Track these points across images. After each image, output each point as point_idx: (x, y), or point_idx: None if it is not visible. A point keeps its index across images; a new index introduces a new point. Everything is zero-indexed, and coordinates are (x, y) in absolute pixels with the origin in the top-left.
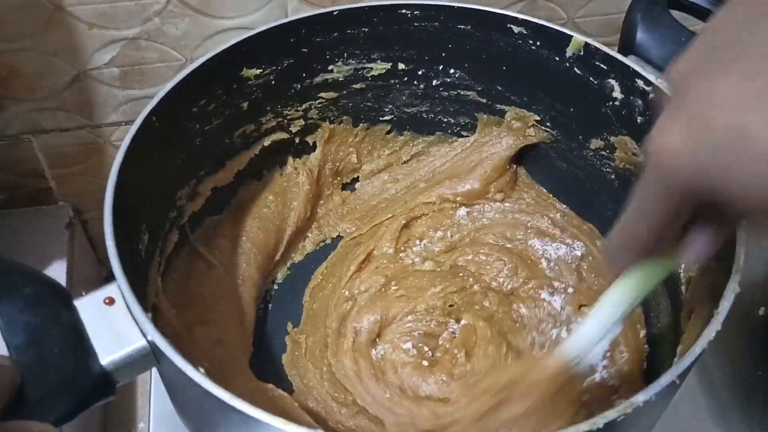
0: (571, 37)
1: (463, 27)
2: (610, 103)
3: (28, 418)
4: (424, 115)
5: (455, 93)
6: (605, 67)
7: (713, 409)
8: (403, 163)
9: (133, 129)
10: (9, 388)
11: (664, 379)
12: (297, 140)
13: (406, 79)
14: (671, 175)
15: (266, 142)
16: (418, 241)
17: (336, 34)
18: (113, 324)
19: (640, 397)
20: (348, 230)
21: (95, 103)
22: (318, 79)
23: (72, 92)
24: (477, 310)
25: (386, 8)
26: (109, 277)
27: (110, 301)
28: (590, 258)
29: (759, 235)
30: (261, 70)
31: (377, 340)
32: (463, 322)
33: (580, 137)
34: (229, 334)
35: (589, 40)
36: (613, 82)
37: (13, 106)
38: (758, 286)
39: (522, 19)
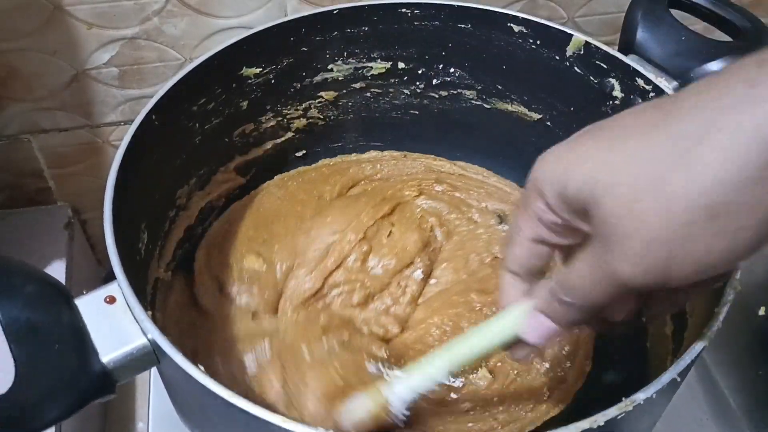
0: (572, 36)
1: (463, 26)
2: (611, 102)
3: (29, 415)
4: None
5: (455, 92)
6: (605, 66)
7: (713, 408)
8: None
9: (133, 128)
10: None
11: (665, 377)
12: (297, 139)
13: (406, 78)
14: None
15: (266, 142)
16: None
17: (336, 33)
18: (114, 322)
19: (641, 395)
20: None
21: (94, 102)
22: (318, 78)
23: (71, 92)
24: None
25: (386, 7)
26: (108, 278)
27: (111, 300)
28: None
29: None
30: (261, 69)
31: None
32: None
33: None
34: None
35: (590, 39)
36: (613, 81)
37: (12, 105)
38: (758, 286)
39: (522, 18)
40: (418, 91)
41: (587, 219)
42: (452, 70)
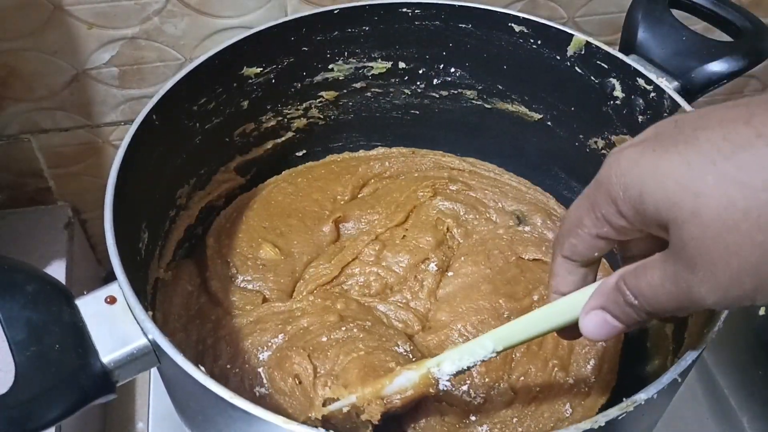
0: (572, 36)
1: (464, 26)
2: (611, 102)
3: (29, 413)
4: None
5: (456, 92)
6: (606, 66)
7: (714, 408)
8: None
9: (133, 127)
10: None
11: (666, 378)
12: (297, 139)
13: (406, 78)
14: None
15: (267, 142)
16: None
17: (336, 32)
18: (114, 323)
19: (641, 395)
20: None
21: (94, 102)
22: (318, 78)
23: (71, 92)
24: None
25: (387, 7)
26: (109, 277)
27: (111, 300)
28: None
29: None
30: (261, 69)
31: None
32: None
33: (581, 136)
34: None
35: (591, 39)
36: (614, 81)
37: (12, 105)
38: None
39: (523, 18)
40: (419, 90)
41: (664, 231)
42: (453, 69)
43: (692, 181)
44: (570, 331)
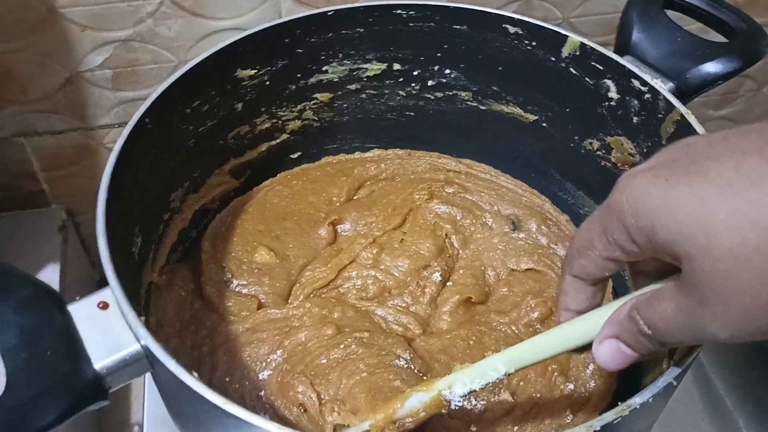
0: (567, 37)
1: (458, 27)
2: (606, 103)
3: (20, 420)
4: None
5: (451, 93)
6: (601, 68)
7: (710, 409)
8: None
9: (127, 130)
10: None
11: (662, 381)
12: (292, 141)
13: (401, 79)
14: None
15: (261, 144)
16: None
17: (330, 34)
18: (107, 328)
19: (637, 399)
20: None
21: (88, 105)
22: (313, 80)
23: (65, 94)
24: None
25: (381, 8)
26: (103, 281)
27: (104, 306)
28: None
29: None
30: (255, 71)
31: None
32: None
33: (576, 137)
34: None
35: (585, 41)
36: (609, 82)
37: (5, 108)
38: None
39: (518, 20)
40: (414, 92)
41: (676, 261)
42: (447, 71)
43: (704, 216)
44: (579, 349)
